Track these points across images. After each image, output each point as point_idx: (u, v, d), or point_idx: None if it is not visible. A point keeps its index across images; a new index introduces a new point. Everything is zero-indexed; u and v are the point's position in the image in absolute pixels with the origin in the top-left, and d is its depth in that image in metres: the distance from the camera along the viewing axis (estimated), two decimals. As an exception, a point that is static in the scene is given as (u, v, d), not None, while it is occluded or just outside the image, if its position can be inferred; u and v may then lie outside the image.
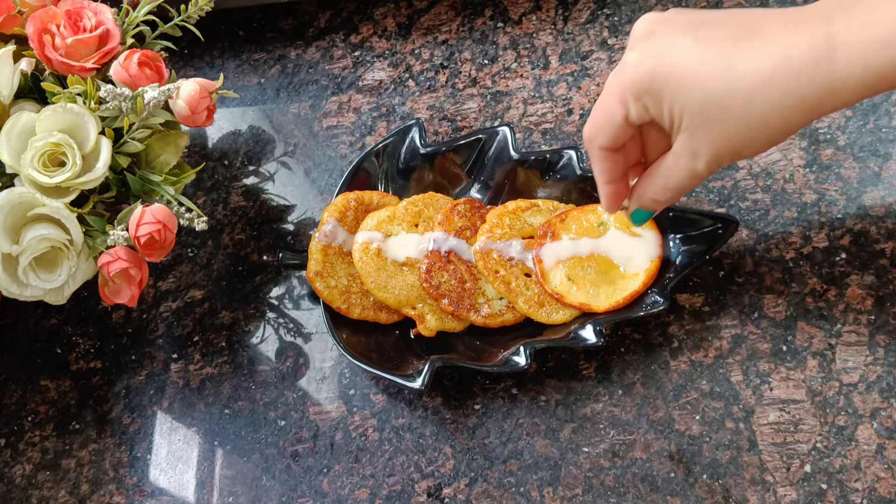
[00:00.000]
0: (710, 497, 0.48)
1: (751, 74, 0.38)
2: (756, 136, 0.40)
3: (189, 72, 0.71)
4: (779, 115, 0.39)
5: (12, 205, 0.51)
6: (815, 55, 0.37)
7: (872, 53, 0.36)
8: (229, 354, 0.59)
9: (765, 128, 0.39)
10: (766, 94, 0.38)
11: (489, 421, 0.53)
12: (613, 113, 0.41)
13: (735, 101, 0.38)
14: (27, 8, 0.56)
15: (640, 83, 0.40)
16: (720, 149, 0.40)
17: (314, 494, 0.53)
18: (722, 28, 0.39)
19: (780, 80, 0.38)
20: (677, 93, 0.39)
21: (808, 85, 0.38)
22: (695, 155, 0.41)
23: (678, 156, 0.42)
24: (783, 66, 0.38)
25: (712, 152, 0.40)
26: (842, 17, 0.37)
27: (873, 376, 0.49)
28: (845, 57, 0.37)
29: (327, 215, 0.56)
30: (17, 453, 0.58)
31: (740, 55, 0.38)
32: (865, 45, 0.37)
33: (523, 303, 0.53)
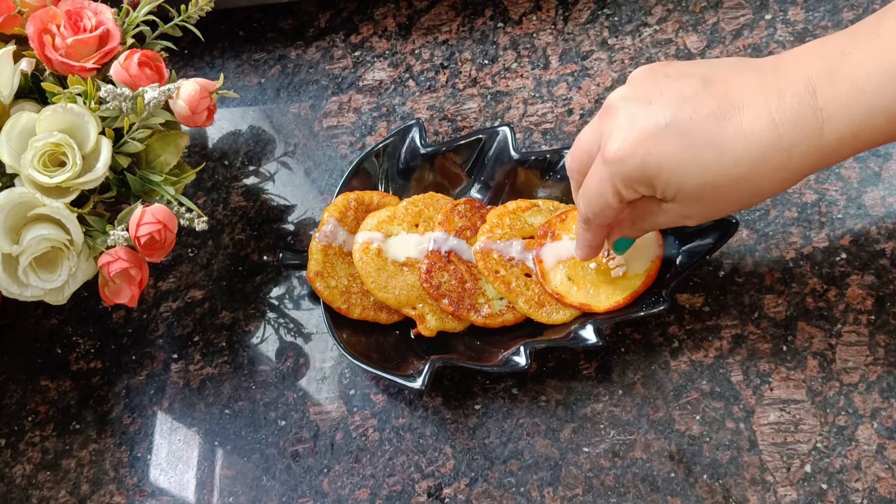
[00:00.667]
0: (710, 497, 0.48)
1: (741, 158, 0.38)
2: (746, 202, 0.41)
3: (189, 72, 0.71)
4: (770, 186, 0.40)
5: (12, 205, 0.51)
6: (805, 132, 0.38)
7: (860, 122, 0.37)
8: (229, 354, 0.59)
9: (755, 196, 0.41)
10: (758, 173, 0.39)
11: (489, 421, 0.53)
12: (609, 201, 0.43)
13: (727, 183, 0.39)
14: (27, 8, 0.56)
15: (631, 175, 0.40)
16: (710, 214, 0.43)
17: (314, 494, 0.53)
18: (703, 105, 0.39)
19: (772, 159, 0.38)
20: (670, 181, 0.40)
21: (799, 158, 0.38)
22: (686, 217, 0.43)
23: (669, 214, 0.43)
24: (773, 147, 0.38)
25: (702, 216, 0.43)
26: (825, 86, 0.38)
27: (873, 376, 0.49)
28: (834, 129, 0.37)
29: (327, 215, 0.56)
30: (17, 453, 0.58)
31: (727, 138, 0.38)
32: (853, 115, 0.37)
33: (523, 303, 0.53)
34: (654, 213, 0.44)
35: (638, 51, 0.62)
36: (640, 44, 0.62)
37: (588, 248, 0.48)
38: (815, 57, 0.39)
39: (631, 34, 0.63)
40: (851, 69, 0.37)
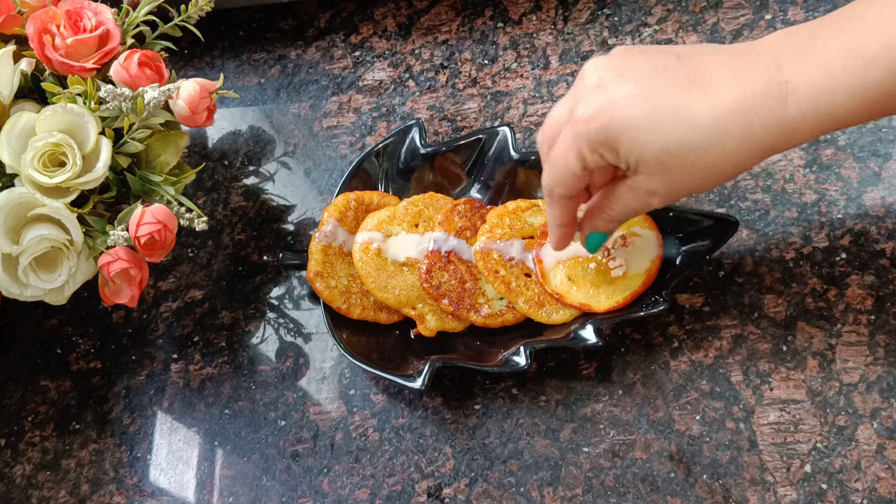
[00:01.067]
0: (710, 497, 0.48)
1: (704, 125, 0.39)
2: (710, 178, 0.41)
3: (189, 72, 0.71)
4: (733, 160, 0.40)
5: (12, 205, 0.51)
6: (768, 103, 0.38)
7: (823, 99, 0.38)
8: (229, 354, 0.59)
9: (719, 171, 0.40)
10: (721, 142, 0.39)
11: (489, 421, 0.53)
12: (571, 165, 0.42)
13: (690, 150, 0.39)
14: (27, 8, 0.56)
15: (595, 137, 0.40)
16: (675, 190, 0.42)
17: (314, 495, 0.53)
18: (672, 74, 0.40)
19: (734, 128, 0.39)
20: (633, 145, 0.40)
21: (761, 131, 0.39)
22: (650, 193, 0.42)
23: (634, 190, 0.43)
24: (736, 115, 0.38)
25: (667, 193, 0.42)
26: (792, 63, 0.38)
27: (873, 376, 0.49)
28: (797, 103, 0.38)
29: (327, 215, 0.56)
30: (17, 453, 0.58)
31: (692, 105, 0.39)
32: (817, 91, 0.37)
33: (523, 303, 0.53)
34: (620, 195, 0.44)
35: (638, 51, 0.62)
36: (640, 44, 0.62)
37: (557, 227, 0.47)
38: (787, 39, 0.40)
39: (631, 34, 0.63)
40: (819, 49, 0.38)
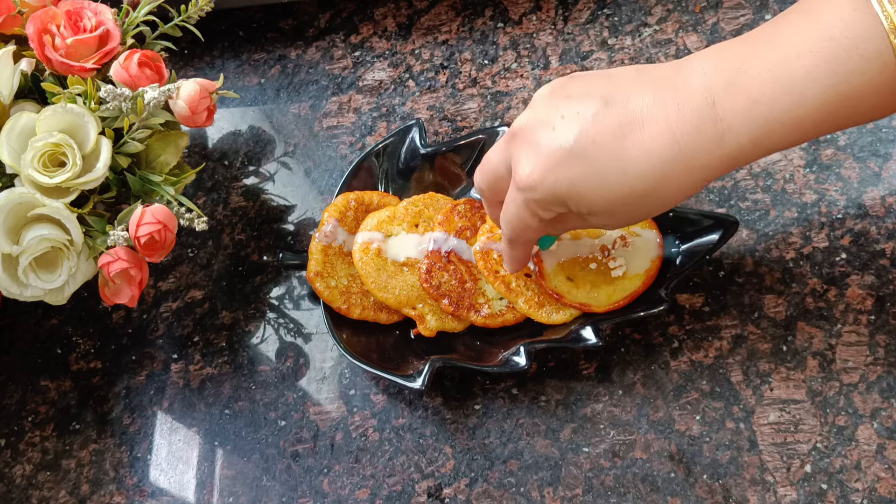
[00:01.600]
0: (710, 497, 0.48)
1: (645, 174, 0.40)
2: (660, 210, 0.43)
3: (189, 72, 0.71)
4: (678, 194, 0.41)
5: (12, 205, 0.51)
6: (705, 143, 0.39)
7: (758, 133, 0.38)
8: (229, 355, 0.59)
9: (666, 204, 0.42)
10: (664, 186, 0.40)
11: (489, 421, 0.53)
12: (528, 222, 0.44)
13: (635, 198, 0.41)
14: (27, 8, 0.56)
15: (545, 200, 0.42)
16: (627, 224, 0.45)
17: (314, 495, 0.53)
18: (603, 126, 0.40)
19: (675, 172, 0.39)
20: (580, 202, 0.41)
21: (702, 170, 0.40)
22: (605, 225, 0.45)
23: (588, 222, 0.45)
24: (675, 160, 0.39)
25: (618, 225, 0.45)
26: (724, 98, 0.39)
27: (873, 376, 0.49)
28: (734, 139, 0.39)
29: (327, 215, 0.56)
30: (17, 453, 0.58)
31: (631, 157, 0.39)
32: (751, 127, 0.38)
33: (523, 303, 0.53)
34: (575, 222, 0.45)
35: (638, 51, 0.62)
36: (639, 44, 0.62)
37: (517, 262, 0.49)
38: (714, 69, 0.40)
39: (631, 34, 0.63)
40: (748, 81, 0.38)
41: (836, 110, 0.38)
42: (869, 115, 0.39)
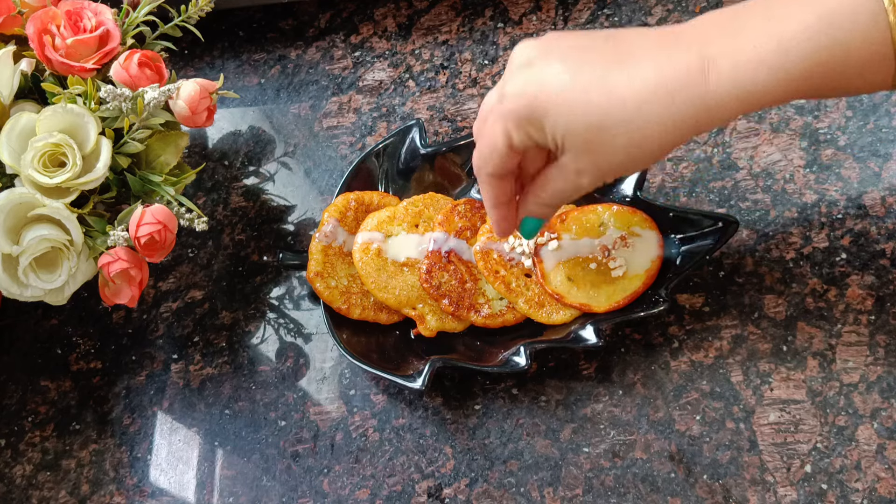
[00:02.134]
0: (710, 497, 0.48)
1: (628, 98, 0.39)
2: (636, 155, 0.41)
3: (189, 72, 0.71)
4: (657, 134, 0.40)
5: (12, 205, 0.51)
6: (689, 77, 0.39)
7: (745, 76, 0.38)
8: (229, 355, 0.59)
9: (644, 147, 0.40)
10: (644, 116, 0.39)
11: (489, 421, 0.53)
12: (498, 143, 0.42)
13: (614, 124, 0.39)
14: (27, 8, 0.56)
15: (521, 113, 0.41)
16: (603, 168, 0.42)
17: (314, 495, 0.53)
18: (597, 53, 0.40)
19: (657, 102, 0.39)
20: (558, 120, 0.40)
21: (684, 105, 0.39)
22: (579, 172, 0.42)
23: (563, 171, 0.42)
24: (659, 89, 0.39)
25: (596, 171, 0.42)
26: (715, 41, 0.39)
27: (873, 376, 0.49)
28: (718, 79, 0.38)
29: (327, 216, 0.56)
30: (17, 454, 0.58)
31: (617, 80, 0.39)
32: (738, 68, 0.38)
33: (523, 303, 0.53)
34: (550, 178, 0.44)
35: (638, 51, 0.62)
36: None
37: (492, 208, 0.46)
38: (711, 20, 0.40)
39: (631, 34, 0.63)
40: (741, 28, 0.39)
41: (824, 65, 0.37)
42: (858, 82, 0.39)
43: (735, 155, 0.57)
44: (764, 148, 0.57)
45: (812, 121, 0.57)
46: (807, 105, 0.57)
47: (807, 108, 0.57)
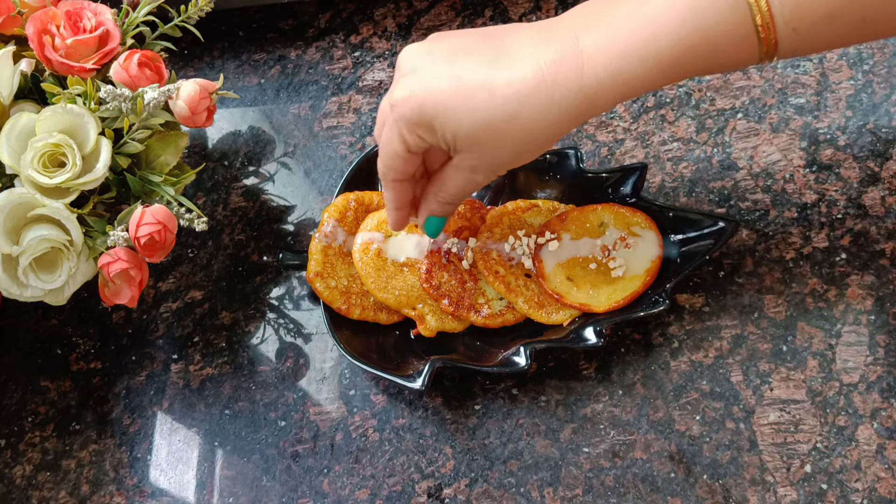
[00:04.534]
0: (710, 497, 0.48)
1: (509, 96, 0.41)
2: (523, 148, 0.43)
3: (189, 72, 0.71)
4: (541, 128, 0.42)
5: (12, 205, 0.51)
6: (567, 72, 0.40)
7: (617, 67, 0.40)
8: (229, 355, 0.59)
9: (530, 140, 0.42)
10: (527, 112, 0.41)
11: (489, 421, 0.53)
12: (396, 149, 0.44)
13: (499, 122, 0.41)
14: (27, 9, 0.56)
15: (412, 118, 0.42)
16: (494, 163, 0.44)
17: (314, 495, 0.53)
18: (478, 52, 0.42)
19: (537, 98, 0.41)
20: (446, 122, 0.42)
21: (564, 99, 0.41)
22: (472, 169, 0.44)
23: (457, 169, 0.45)
24: (538, 86, 0.40)
25: (488, 166, 0.44)
26: (588, 33, 0.41)
27: (873, 376, 0.49)
28: (593, 71, 0.40)
29: (327, 216, 0.56)
30: (17, 454, 0.58)
31: (497, 78, 0.41)
32: (610, 59, 0.40)
33: (523, 303, 0.53)
34: (447, 177, 0.46)
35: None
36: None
37: (393, 209, 0.49)
38: (585, 10, 0.42)
39: (631, 34, 0.63)
40: (610, 18, 0.40)
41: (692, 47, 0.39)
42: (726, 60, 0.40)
43: (735, 155, 0.57)
44: (764, 148, 0.57)
45: (812, 121, 0.57)
46: (807, 105, 0.57)
47: (807, 108, 0.57)
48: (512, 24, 0.44)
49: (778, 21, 0.38)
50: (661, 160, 0.58)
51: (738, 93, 0.59)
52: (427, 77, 0.42)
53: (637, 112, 0.60)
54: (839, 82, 0.58)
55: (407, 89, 0.42)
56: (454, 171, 0.45)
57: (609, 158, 0.59)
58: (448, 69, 0.42)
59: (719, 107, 0.59)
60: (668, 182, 0.57)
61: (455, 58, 0.42)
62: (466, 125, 0.42)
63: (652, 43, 0.39)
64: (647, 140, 0.59)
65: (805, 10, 0.38)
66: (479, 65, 0.41)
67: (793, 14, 0.38)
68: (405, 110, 0.42)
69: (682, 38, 0.39)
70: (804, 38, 0.39)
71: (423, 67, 0.42)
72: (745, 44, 0.39)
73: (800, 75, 0.59)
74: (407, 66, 0.43)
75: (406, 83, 0.43)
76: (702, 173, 0.57)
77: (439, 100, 0.41)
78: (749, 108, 0.58)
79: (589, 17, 0.41)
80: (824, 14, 0.38)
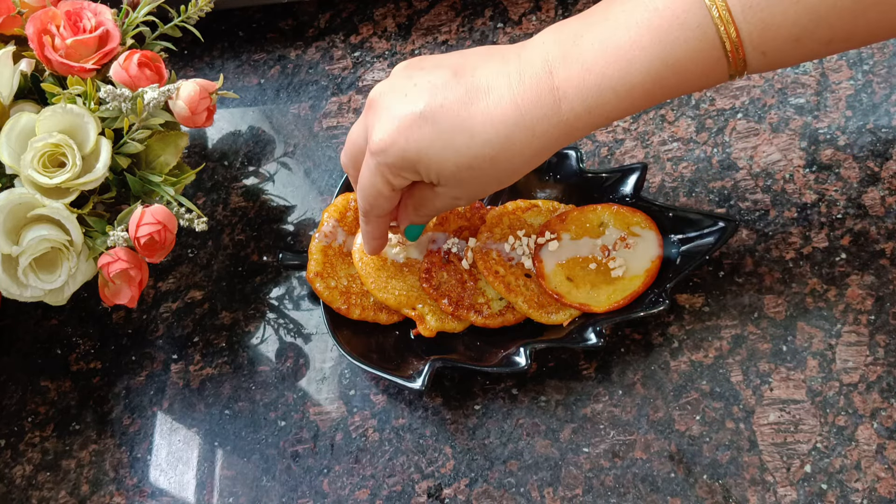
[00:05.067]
0: (710, 497, 0.48)
1: (489, 138, 0.42)
2: (505, 178, 0.44)
3: (189, 72, 0.71)
4: (521, 163, 0.43)
5: (12, 205, 0.51)
6: (544, 110, 0.41)
7: (592, 100, 0.41)
8: (229, 355, 0.59)
9: (511, 171, 0.44)
10: (507, 150, 0.42)
11: (489, 421, 0.53)
12: (381, 190, 0.45)
13: (480, 162, 0.42)
14: (27, 9, 0.56)
15: (396, 164, 0.43)
16: (477, 194, 0.46)
17: (314, 495, 0.53)
18: (452, 93, 0.42)
19: (518, 138, 0.41)
20: (430, 166, 0.43)
21: (543, 135, 0.42)
22: (456, 198, 0.46)
23: (441, 196, 0.46)
24: (518, 126, 0.41)
25: (470, 197, 0.46)
26: (560, 69, 0.41)
27: (873, 376, 0.49)
28: (570, 106, 0.41)
29: (327, 216, 0.56)
30: (17, 454, 0.58)
31: (475, 121, 0.42)
32: (584, 94, 0.41)
33: (523, 303, 0.53)
34: (429, 198, 0.47)
35: (638, 51, 0.62)
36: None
37: (372, 240, 0.50)
38: (554, 41, 0.42)
39: (631, 34, 0.63)
40: (581, 52, 0.41)
41: (664, 78, 0.40)
42: (697, 84, 0.41)
43: (735, 155, 0.57)
44: (763, 148, 0.57)
45: (812, 121, 0.57)
46: (807, 105, 0.57)
47: (806, 108, 0.57)
48: (476, 52, 0.45)
49: (746, 46, 0.39)
50: (661, 160, 0.58)
51: (738, 93, 0.59)
52: (404, 120, 0.42)
53: (637, 112, 0.60)
54: (839, 82, 0.58)
55: (387, 132, 0.43)
56: (438, 197, 0.46)
57: (609, 158, 0.59)
58: (423, 110, 0.42)
59: (719, 107, 0.59)
60: (668, 182, 0.57)
61: (430, 99, 0.42)
62: (450, 168, 0.43)
63: (625, 78, 0.40)
64: (647, 140, 0.59)
65: (771, 35, 0.39)
66: (455, 105, 0.42)
67: (761, 38, 0.39)
68: (388, 157, 0.43)
69: (653, 71, 0.40)
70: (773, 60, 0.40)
71: (398, 108, 0.43)
72: (715, 67, 0.40)
73: (800, 75, 0.59)
74: (381, 105, 0.44)
75: (384, 125, 0.43)
76: (702, 173, 0.57)
77: (421, 146, 0.42)
78: (749, 108, 0.58)
79: (560, 47, 0.42)
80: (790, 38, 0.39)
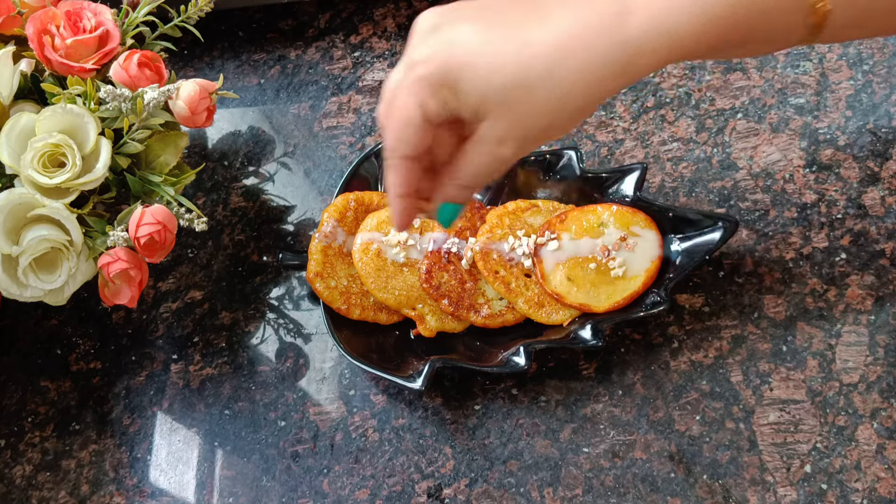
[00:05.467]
0: (710, 497, 0.48)
1: (547, 48, 0.37)
2: (561, 110, 0.38)
3: (189, 72, 0.71)
4: (581, 86, 0.37)
5: (12, 205, 0.51)
6: (609, 23, 0.37)
7: (664, 19, 0.36)
8: (229, 355, 0.59)
9: (569, 101, 0.38)
10: (565, 66, 0.37)
11: (489, 421, 0.53)
12: (413, 116, 0.38)
13: (535, 77, 0.37)
14: (27, 9, 0.56)
15: (434, 78, 0.38)
16: (526, 130, 0.39)
17: (314, 495, 0.53)
18: (508, 10, 0.38)
19: (577, 50, 0.37)
20: (474, 80, 0.37)
21: (605, 54, 0.37)
22: (500, 141, 0.39)
23: (482, 143, 0.39)
24: (578, 37, 0.37)
25: (518, 137, 0.39)
26: None
27: (873, 376, 0.49)
28: (637, 23, 0.36)
29: (327, 216, 0.56)
30: (17, 454, 0.58)
31: (533, 31, 0.37)
32: (657, 11, 0.36)
33: (523, 303, 0.53)
34: (468, 154, 0.40)
35: (638, 51, 0.62)
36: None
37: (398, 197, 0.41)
38: None
39: (631, 34, 0.63)
40: None
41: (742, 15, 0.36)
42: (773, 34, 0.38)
43: (735, 155, 0.57)
44: (763, 148, 0.57)
45: (812, 121, 0.57)
46: (807, 105, 0.57)
47: (806, 108, 0.57)
48: None
49: None
50: (661, 160, 0.58)
51: (738, 93, 0.59)
52: (452, 34, 0.38)
53: (637, 112, 0.60)
54: (839, 82, 0.58)
55: (429, 49, 0.38)
56: (477, 145, 0.39)
57: (609, 158, 0.59)
58: (476, 26, 0.37)
59: (719, 107, 0.59)
60: (668, 182, 0.57)
61: (484, 15, 0.38)
62: (497, 85, 0.37)
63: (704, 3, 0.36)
64: (647, 140, 0.59)
65: None
66: (512, 20, 0.37)
67: None
68: (427, 70, 0.38)
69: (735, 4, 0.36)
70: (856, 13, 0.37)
71: (447, 26, 0.38)
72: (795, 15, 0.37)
73: (800, 75, 0.59)
74: (426, 26, 0.39)
75: (429, 43, 0.38)
76: (702, 173, 0.57)
77: (466, 58, 0.37)
78: (749, 108, 0.58)
79: None
80: None
